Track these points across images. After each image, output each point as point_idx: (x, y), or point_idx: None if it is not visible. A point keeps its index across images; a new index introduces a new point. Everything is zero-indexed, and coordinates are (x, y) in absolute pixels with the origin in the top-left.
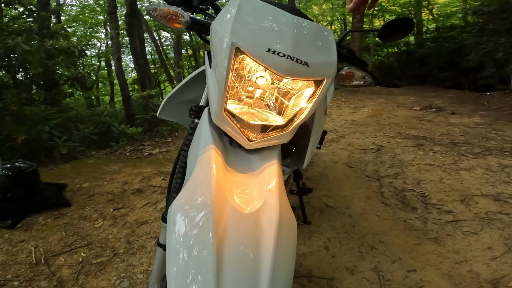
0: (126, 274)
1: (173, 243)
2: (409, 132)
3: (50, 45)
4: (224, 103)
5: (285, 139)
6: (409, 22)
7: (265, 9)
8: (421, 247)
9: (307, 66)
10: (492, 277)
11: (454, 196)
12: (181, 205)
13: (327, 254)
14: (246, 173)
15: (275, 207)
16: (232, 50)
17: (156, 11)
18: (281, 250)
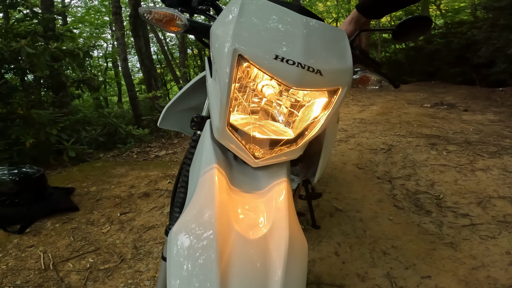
0: (133, 280)
1: (172, 274)
2: (421, 131)
3: (55, 48)
4: (227, 118)
5: (294, 155)
6: (426, 20)
7: (271, 9)
8: (436, 252)
9: (320, 74)
10: (510, 283)
11: (470, 198)
12: (181, 232)
13: (337, 260)
14: (252, 192)
15: (284, 232)
16: (235, 58)
17: (151, 14)
18: (291, 277)
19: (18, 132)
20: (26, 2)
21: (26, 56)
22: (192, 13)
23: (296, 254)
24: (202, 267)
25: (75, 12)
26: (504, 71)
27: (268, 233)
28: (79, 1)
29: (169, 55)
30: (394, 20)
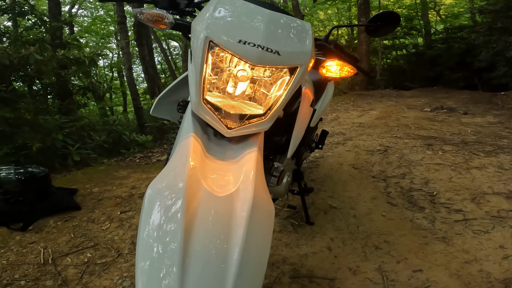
0: (129, 273)
1: (143, 221)
2: (418, 133)
3: (62, 55)
4: (202, 93)
5: (264, 126)
6: (394, 16)
7: (241, 6)
8: (429, 246)
9: (278, 54)
10: (504, 277)
11: (464, 195)
12: (155, 187)
13: (330, 254)
14: (225, 160)
15: (249, 193)
16: (206, 43)
17: (143, 14)
18: (254, 233)
19: (25, 137)
20: (34, 10)
21: (34, 63)
22: (180, 14)
23: (260, 214)
24: (169, 218)
25: (82, 22)
26: (505, 75)
27: (235, 193)
28: (85, 10)
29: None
30: None
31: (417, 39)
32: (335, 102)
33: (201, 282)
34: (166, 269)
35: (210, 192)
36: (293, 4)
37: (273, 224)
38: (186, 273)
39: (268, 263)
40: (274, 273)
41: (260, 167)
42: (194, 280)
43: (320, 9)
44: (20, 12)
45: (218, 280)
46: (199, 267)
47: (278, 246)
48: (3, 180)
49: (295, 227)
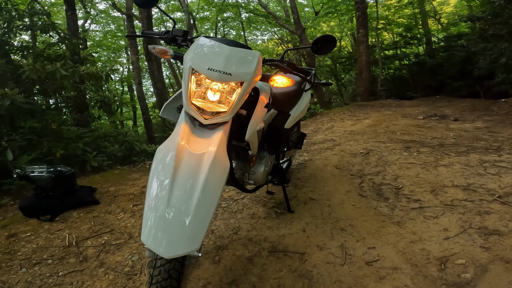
0: (137, 251)
1: (154, 166)
2: (402, 138)
3: (83, 71)
4: (189, 98)
5: (227, 117)
6: (331, 39)
7: (212, 44)
8: (384, 229)
9: (230, 75)
10: (441, 255)
11: (426, 187)
12: (161, 148)
13: (303, 235)
14: (202, 138)
15: (212, 152)
16: (190, 69)
17: (154, 49)
18: (213, 173)
19: (50, 145)
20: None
21: (60, 78)
22: (178, 47)
23: (218, 164)
24: (166, 165)
25: (94, 37)
26: (504, 82)
27: (205, 152)
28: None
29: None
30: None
31: (418, 49)
32: (333, 113)
33: (179, 199)
34: (161, 192)
35: (190, 151)
36: (294, 18)
37: (227, 173)
38: (171, 193)
39: (251, 240)
40: (255, 249)
41: (223, 141)
42: (175, 198)
43: (323, 22)
44: (42, 28)
45: (190, 195)
46: (180, 189)
47: (262, 229)
48: (36, 177)
49: (277, 214)
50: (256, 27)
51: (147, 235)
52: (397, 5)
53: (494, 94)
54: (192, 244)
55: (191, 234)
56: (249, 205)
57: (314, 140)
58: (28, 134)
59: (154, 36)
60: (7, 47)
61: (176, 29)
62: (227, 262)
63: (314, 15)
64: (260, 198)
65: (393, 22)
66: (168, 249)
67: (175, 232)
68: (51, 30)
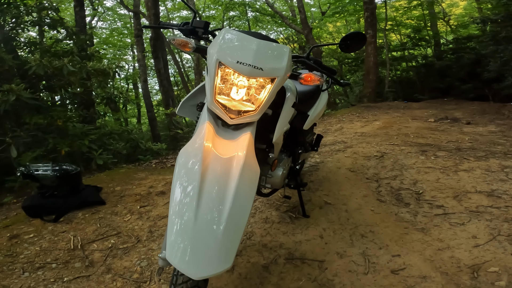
0: (146, 256)
1: (177, 170)
2: (416, 141)
3: (90, 67)
4: (214, 95)
5: (254, 117)
6: (361, 36)
7: (239, 36)
8: (408, 236)
9: (262, 70)
10: (473, 263)
11: (448, 193)
12: (184, 151)
13: (321, 241)
14: (228, 139)
15: (242, 156)
16: (216, 63)
17: (174, 40)
18: (244, 180)
19: (55, 142)
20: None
21: (67, 73)
22: (199, 39)
23: (248, 170)
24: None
25: (100, 34)
26: None
27: (233, 156)
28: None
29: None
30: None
31: (426, 50)
32: (341, 114)
33: (208, 208)
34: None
35: (217, 155)
36: (301, 18)
37: (257, 178)
38: (200, 202)
39: (266, 247)
40: (271, 256)
41: (251, 143)
42: (204, 206)
43: (329, 22)
44: (50, 24)
45: (219, 206)
46: (207, 200)
47: (277, 234)
48: (41, 175)
49: (292, 219)
50: (262, 26)
51: (173, 252)
52: (407, 6)
53: (503, 97)
54: (225, 262)
55: (223, 251)
56: (262, 209)
57: (324, 141)
58: (33, 131)
59: (173, 28)
60: (14, 42)
61: (196, 20)
62: (241, 270)
63: (320, 15)
64: (273, 202)
65: (401, 23)
66: (198, 270)
67: (205, 249)
68: (59, 26)
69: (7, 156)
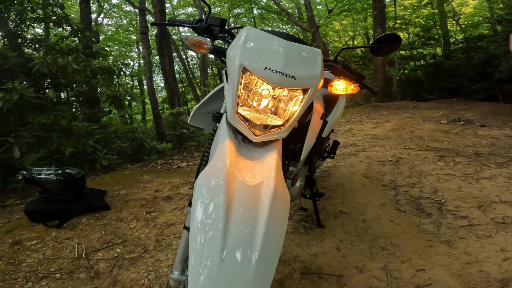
0: (154, 267)
1: (195, 202)
2: (432, 145)
3: (95, 65)
4: (236, 107)
5: (282, 134)
6: (396, 38)
7: (264, 37)
8: (432, 249)
9: (294, 78)
10: (502, 277)
11: (472, 203)
12: (203, 178)
13: (338, 254)
14: (252, 160)
15: (271, 183)
16: (240, 69)
17: (188, 40)
18: (275, 213)
19: (59, 142)
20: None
21: (71, 72)
22: (214, 39)
23: (279, 200)
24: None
25: (106, 31)
26: None
27: (261, 183)
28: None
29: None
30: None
31: (435, 49)
32: (349, 114)
33: (236, 245)
34: (212, 234)
35: (243, 182)
36: (308, 16)
37: (289, 208)
38: (226, 238)
39: (280, 260)
40: (285, 269)
41: (279, 166)
42: (231, 243)
43: (335, 20)
44: (56, 20)
45: (249, 243)
46: (235, 235)
47: (290, 246)
48: (43, 180)
49: (306, 229)
50: (268, 24)
51: None
52: (416, 4)
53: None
54: None
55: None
56: None
57: None
58: (36, 130)
59: (184, 25)
60: (19, 40)
61: (212, 17)
62: None
63: (327, 13)
64: None
65: (410, 22)
66: None
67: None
68: (65, 23)
69: (10, 156)
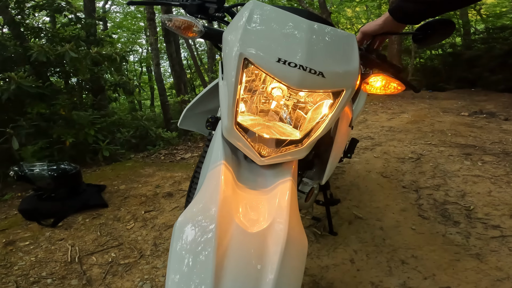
0: (149, 276)
1: (173, 256)
2: (455, 140)
3: (96, 52)
4: (234, 117)
5: (300, 155)
6: (449, 24)
7: (278, 15)
8: (460, 263)
9: (323, 76)
10: None
11: (504, 210)
12: (186, 220)
13: (352, 267)
14: (257, 190)
15: (283, 229)
16: (241, 61)
17: (171, 21)
18: (286, 273)
19: (59, 132)
20: (71, 7)
21: (69, 60)
22: (209, 20)
23: (293, 252)
24: (199, 254)
25: (114, 18)
26: None
27: (267, 228)
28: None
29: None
30: None
31: (454, 39)
32: None
33: None
34: None
35: (242, 228)
36: (320, 1)
37: (305, 260)
38: None
39: None
40: None
41: (294, 199)
42: None
43: (348, 6)
44: (57, 8)
45: None
46: None
47: None
48: (36, 176)
49: (317, 237)
50: None
51: None
52: None
53: None
54: None
55: None
56: None
57: None
58: (36, 120)
59: (171, 3)
60: (21, 28)
61: None
62: None
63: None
64: None
65: None
66: None
67: None
68: (67, 10)
69: (9, 147)
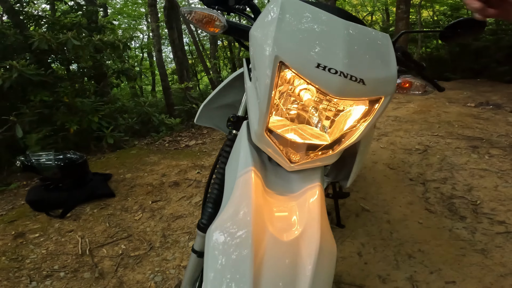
0: (160, 268)
1: (209, 268)
2: (462, 132)
3: (98, 40)
4: (266, 124)
5: (329, 161)
6: (480, 23)
7: (311, 12)
8: (466, 258)
9: (363, 83)
10: None
11: (509, 205)
12: (219, 230)
13: (360, 260)
14: (286, 195)
15: (315, 235)
16: (276, 65)
17: (191, 14)
18: (319, 280)
19: (63, 119)
20: None
21: (72, 47)
22: (228, 12)
23: (325, 258)
24: (236, 265)
25: (115, 4)
26: None
27: (300, 236)
28: None
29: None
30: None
31: None
32: None
33: None
34: None
35: (276, 237)
36: None
37: (335, 263)
38: None
39: None
40: None
41: (323, 205)
42: None
43: None
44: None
45: None
46: None
47: None
48: (43, 166)
49: None
50: None
51: None
52: None
53: None
54: None
55: None
56: None
57: None
58: (39, 108)
59: None
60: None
61: None
62: None
63: None
64: None
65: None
66: None
67: None
68: None
69: (13, 135)
